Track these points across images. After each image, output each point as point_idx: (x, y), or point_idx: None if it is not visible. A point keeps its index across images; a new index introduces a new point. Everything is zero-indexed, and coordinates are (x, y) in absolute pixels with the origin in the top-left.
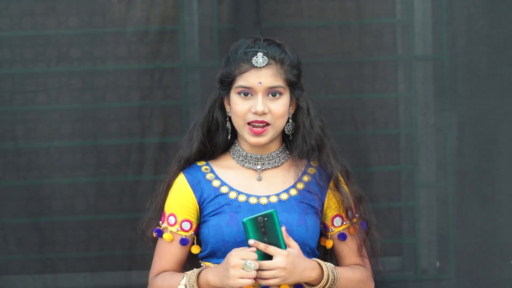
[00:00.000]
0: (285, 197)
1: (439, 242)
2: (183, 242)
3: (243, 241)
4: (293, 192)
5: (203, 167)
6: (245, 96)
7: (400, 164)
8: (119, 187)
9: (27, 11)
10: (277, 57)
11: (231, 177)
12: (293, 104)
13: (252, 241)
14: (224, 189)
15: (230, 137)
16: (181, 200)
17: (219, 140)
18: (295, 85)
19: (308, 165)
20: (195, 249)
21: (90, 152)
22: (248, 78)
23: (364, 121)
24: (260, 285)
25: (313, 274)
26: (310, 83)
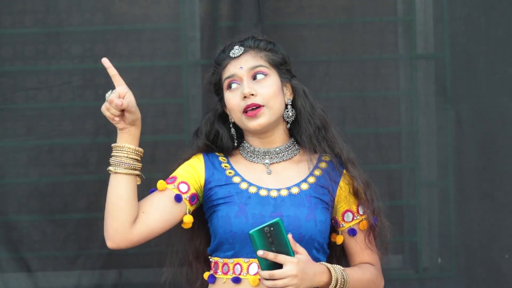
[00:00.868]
0: (295, 191)
1: (441, 240)
2: (177, 198)
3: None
4: (304, 186)
5: (221, 157)
6: (233, 88)
7: (401, 162)
8: None
9: (29, 9)
10: (253, 44)
11: (244, 170)
12: (289, 89)
13: (261, 252)
14: (236, 179)
15: (236, 142)
16: (189, 168)
17: (225, 145)
18: (281, 66)
19: (319, 160)
20: (187, 218)
21: (91, 149)
22: (229, 68)
23: (365, 120)
24: None
25: (323, 278)
26: (311, 81)
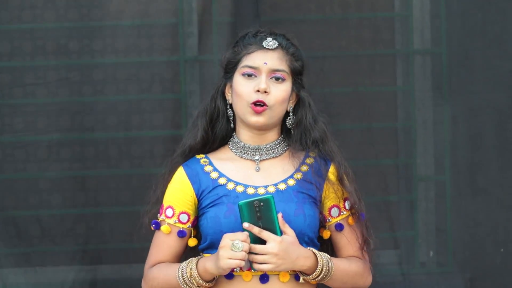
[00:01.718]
0: (283, 187)
1: (437, 235)
2: (181, 234)
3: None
4: (291, 182)
5: (202, 159)
6: (249, 77)
7: (398, 157)
8: (117, 180)
9: (26, 4)
10: (284, 44)
11: (230, 168)
12: (294, 97)
13: (246, 225)
14: (222, 180)
15: (230, 127)
16: (179, 192)
17: (219, 128)
18: (298, 75)
19: (306, 156)
20: (192, 242)
21: (88, 145)
22: (254, 58)
23: (361, 115)
24: (253, 269)
25: (307, 263)
26: (307, 77)
